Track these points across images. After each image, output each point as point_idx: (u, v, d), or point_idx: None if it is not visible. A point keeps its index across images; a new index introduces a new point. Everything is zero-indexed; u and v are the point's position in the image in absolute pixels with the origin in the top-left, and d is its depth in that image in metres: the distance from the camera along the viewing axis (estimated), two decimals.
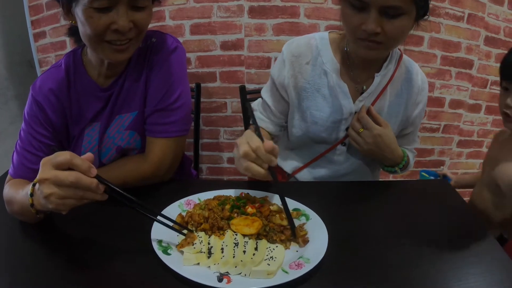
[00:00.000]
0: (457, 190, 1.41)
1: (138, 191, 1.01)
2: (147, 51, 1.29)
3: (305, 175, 1.57)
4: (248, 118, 1.09)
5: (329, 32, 1.44)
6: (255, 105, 1.57)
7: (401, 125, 1.52)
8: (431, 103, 2.76)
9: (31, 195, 0.96)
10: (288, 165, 1.59)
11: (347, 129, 1.43)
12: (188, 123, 1.36)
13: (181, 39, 2.36)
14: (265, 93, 1.52)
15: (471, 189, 1.72)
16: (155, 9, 1.21)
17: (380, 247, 1.04)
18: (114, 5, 1.05)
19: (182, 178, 1.61)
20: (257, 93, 2.03)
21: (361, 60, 1.36)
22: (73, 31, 1.23)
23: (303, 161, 1.56)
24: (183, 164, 1.57)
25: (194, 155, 2.24)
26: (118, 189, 0.93)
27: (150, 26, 2.32)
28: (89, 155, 0.91)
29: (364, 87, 1.41)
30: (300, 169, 1.57)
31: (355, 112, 1.41)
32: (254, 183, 1.27)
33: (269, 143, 1.04)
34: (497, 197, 1.47)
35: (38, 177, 0.88)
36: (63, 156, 0.87)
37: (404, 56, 1.47)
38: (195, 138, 2.21)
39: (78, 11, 1.06)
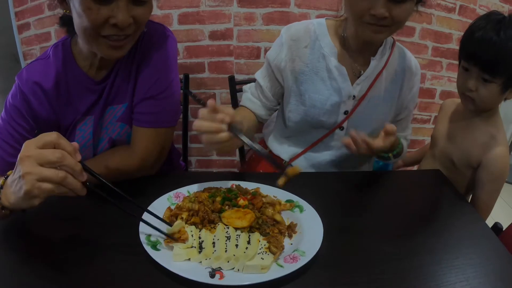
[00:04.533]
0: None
1: (125, 184, 0.97)
2: (139, 41, 1.23)
3: (302, 162, 1.56)
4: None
5: (325, 19, 1.46)
6: (247, 87, 1.58)
7: (396, 110, 1.54)
8: (422, 94, 2.77)
9: (1, 187, 0.91)
10: (285, 152, 1.58)
11: (345, 112, 1.44)
12: (177, 114, 1.32)
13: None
14: (260, 75, 1.53)
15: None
16: None
17: (376, 238, 1.03)
18: None
19: (171, 170, 1.57)
20: (247, 83, 2.01)
21: (358, 45, 1.39)
22: (65, 21, 1.16)
23: (300, 147, 1.56)
24: (171, 157, 1.53)
25: (183, 148, 2.21)
26: (102, 179, 0.89)
27: None
28: (74, 143, 0.85)
29: (361, 71, 1.42)
30: (297, 156, 1.56)
31: (354, 96, 1.42)
32: (245, 174, 1.24)
33: (210, 102, 0.99)
34: (451, 173, 1.48)
35: (19, 155, 0.82)
36: (49, 136, 0.82)
37: (397, 43, 1.49)
38: (184, 130, 2.17)
39: (75, 1, 0.99)
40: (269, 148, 1.64)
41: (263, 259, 0.87)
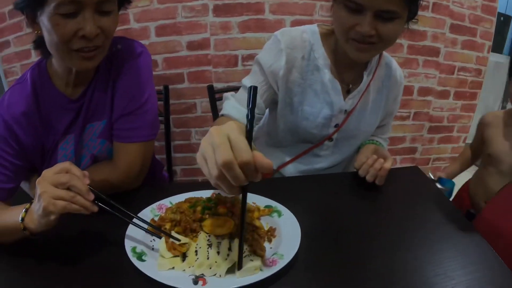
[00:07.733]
0: None
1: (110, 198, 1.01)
2: (113, 58, 1.25)
3: (289, 170, 1.57)
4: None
5: (317, 25, 1.41)
6: (229, 95, 1.44)
7: (381, 118, 1.57)
8: None
9: (26, 210, 0.98)
10: (274, 159, 1.56)
11: (336, 125, 1.44)
12: (156, 127, 1.34)
13: (146, 42, 2.35)
14: (249, 81, 1.41)
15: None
16: None
17: (355, 238, 1.05)
18: (80, 10, 1.02)
19: (154, 183, 1.59)
20: (226, 91, 2.02)
21: (349, 59, 1.29)
22: (38, 43, 1.17)
23: (289, 156, 1.56)
24: (154, 169, 1.55)
25: (167, 158, 2.22)
26: (104, 197, 0.99)
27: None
28: (85, 172, 0.98)
29: (351, 85, 1.42)
30: (285, 164, 1.57)
31: (345, 110, 1.42)
32: None
33: (265, 161, 0.74)
34: None
35: (38, 179, 0.93)
36: (62, 163, 0.95)
37: (384, 53, 1.47)
38: (166, 140, 2.18)
39: (44, 19, 1.02)
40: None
41: (252, 260, 0.90)
